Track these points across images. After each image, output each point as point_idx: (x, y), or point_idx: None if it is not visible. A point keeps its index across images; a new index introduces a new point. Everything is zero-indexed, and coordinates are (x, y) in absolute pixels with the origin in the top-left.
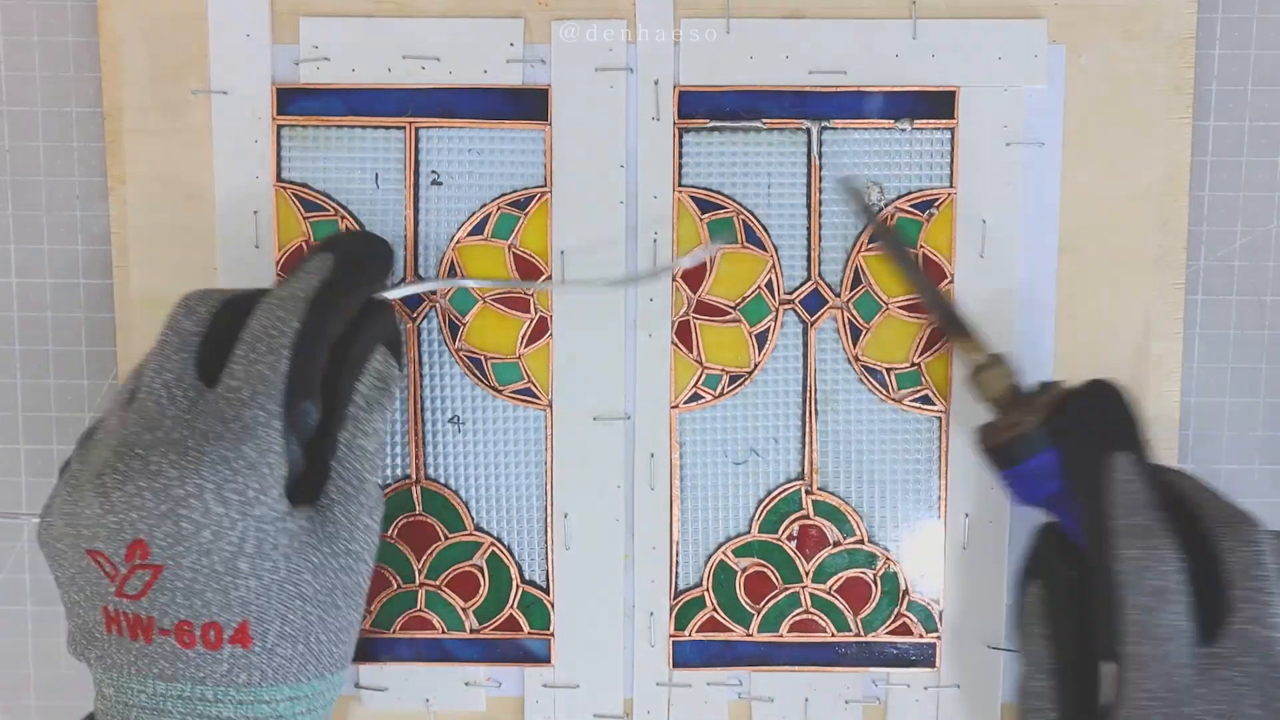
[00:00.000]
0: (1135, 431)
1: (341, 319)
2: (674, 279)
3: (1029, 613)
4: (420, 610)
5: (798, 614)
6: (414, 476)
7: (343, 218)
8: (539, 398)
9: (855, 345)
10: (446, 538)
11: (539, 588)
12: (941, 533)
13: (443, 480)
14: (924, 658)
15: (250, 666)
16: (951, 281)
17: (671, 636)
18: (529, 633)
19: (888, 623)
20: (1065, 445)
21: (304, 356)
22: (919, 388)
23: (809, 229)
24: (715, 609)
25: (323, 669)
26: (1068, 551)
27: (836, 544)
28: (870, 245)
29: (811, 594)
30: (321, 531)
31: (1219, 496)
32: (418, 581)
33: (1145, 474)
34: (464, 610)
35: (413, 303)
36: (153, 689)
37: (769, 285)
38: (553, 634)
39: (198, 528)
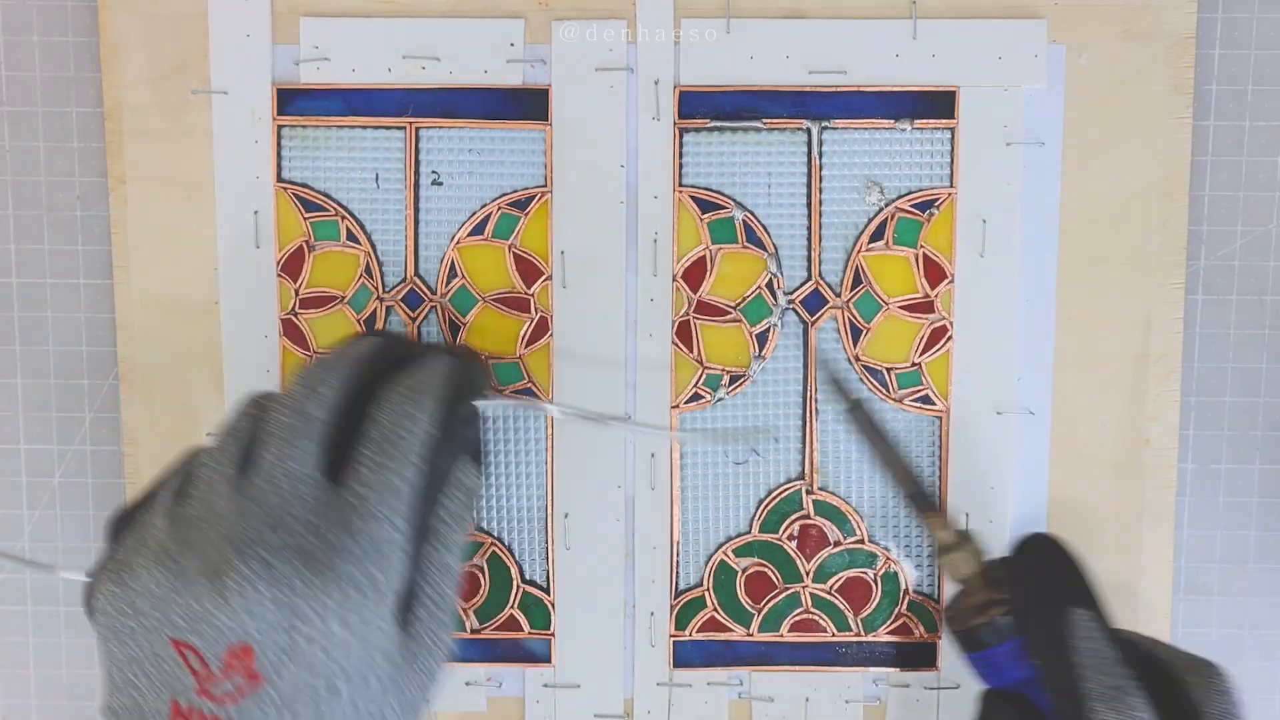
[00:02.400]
0: (1088, 585)
1: (453, 435)
2: (675, 279)
3: None
4: None
5: (798, 614)
6: None
7: (343, 217)
8: (539, 398)
9: (855, 345)
10: None
11: (539, 588)
12: None
13: None
14: (924, 658)
15: None
16: (951, 281)
17: (672, 636)
18: (529, 633)
19: (888, 623)
20: (1017, 613)
21: (434, 467)
22: (919, 388)
23: (809, 229)
24: (716, 609)
25: None
26: (1021, 716)
27: (837, 544)
28: (846, 422)
29: (812, 594)
30: (412, 656)
31: (1176, 647)
32: None
33: (1106, 630)
34: (464, 610)
35: (413, 302)
36: None
37: (769, 285)
38: (553, 634)
39: (310, 644)
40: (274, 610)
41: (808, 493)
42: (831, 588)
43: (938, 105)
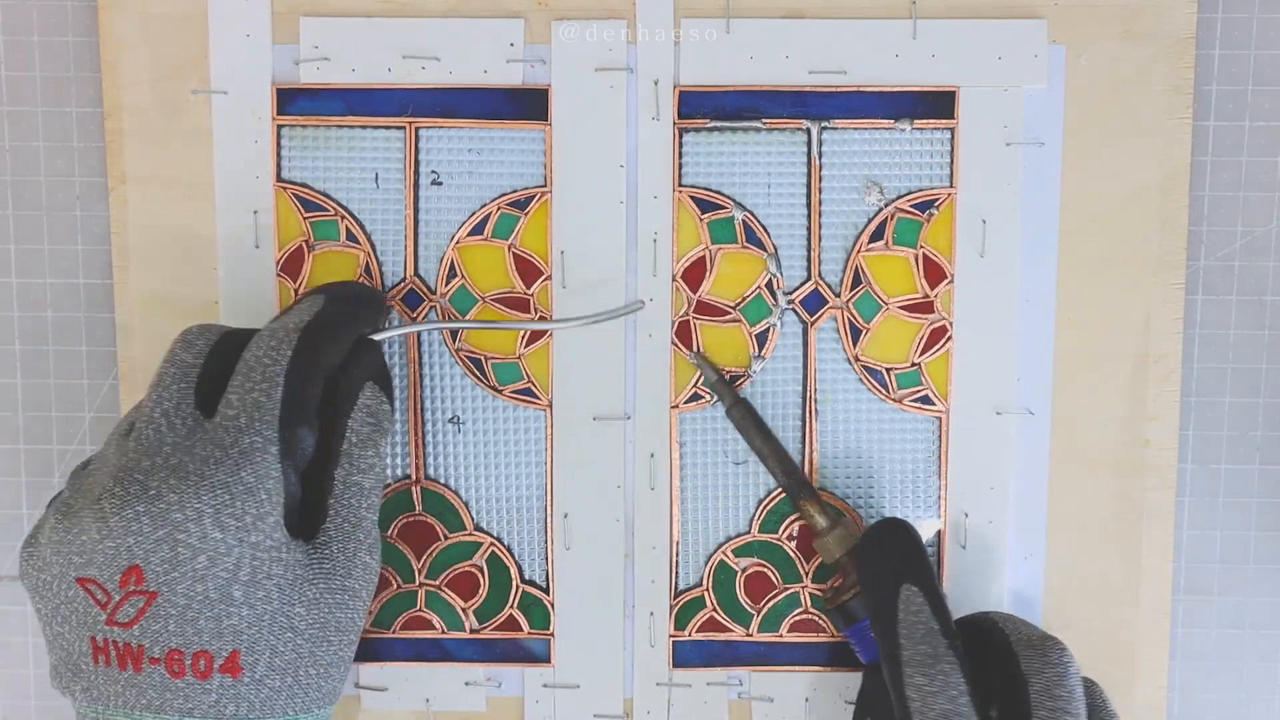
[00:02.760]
0: (920, 563)
1: (333, 354)
2: (674, 279)
3: None
4: (420, 610)
5: (798, 614)
6: (414, 476)
7: (343, 217)
8: (539, 398)
9: (855, 345)
10: (446, 538)
11: (539, 588)
12: (941, 533)
13: (443, 480)
14: None
15: (238, 698)
16: (951, 281)
17: (671, 636)
18: (529, 633)
19: None
20: (861, 585)
21: (297, 383)
22: (919, 388)
23: (809, 229)
24: (715, 609)
25: (310, 703)
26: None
27: None
28: (727, 418)
29: (811, 594)
30: (318, 567)
31: (1030, 625)
32: (418, 581)
33: (930, 603)
34: (464, 610)
35: (413, 302)
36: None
37: (769, 285)
38: (553, 634)
39: (194, 553)
40: (151, 525)
41: None
42: (832, 587)
43: (938, 105)
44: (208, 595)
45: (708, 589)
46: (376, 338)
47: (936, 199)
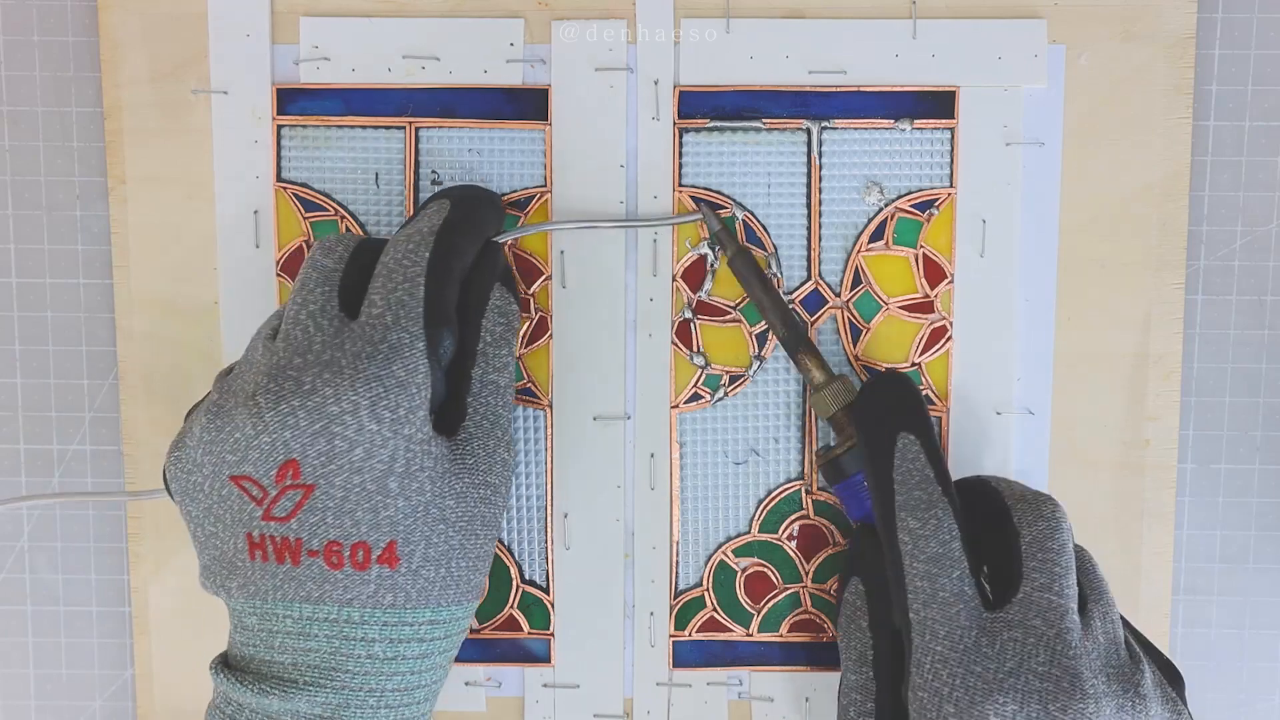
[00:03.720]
0: (919, 413)
1: (465, 255)
2: (674, 279)
3: (850, 607)
4: None
5: (798, 614)
6: None
7: (343, 218)
8: (539, 398)
9: (855, 345)
10: None
11: (539, 588)
12: None
13: None
14: None
15: (396, 588)
16: (951, 281)
17: (671, 636)
18: (529, 633)
19: None
20: (858, 435)
21: (436, 283)
22: (919, 388)
23: (809, 229)
24: (715, 609)
25: (461, 595)
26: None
27: (836, 544)
28: (718, 251)
29: (811, 594)
30: (462, 463)
31: (1024, 485)
32: None
33: (926, 452)
34: None
35: None
36: (299, 613)
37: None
38: (553, 634)
39: (350, 445)
40: (306, 418)
41: (807, 493)
42: (831, 588)
43: (937, 105)
44: (365, 487)
45: (708, 589)
46: (500, 239)
47: (936, 199)
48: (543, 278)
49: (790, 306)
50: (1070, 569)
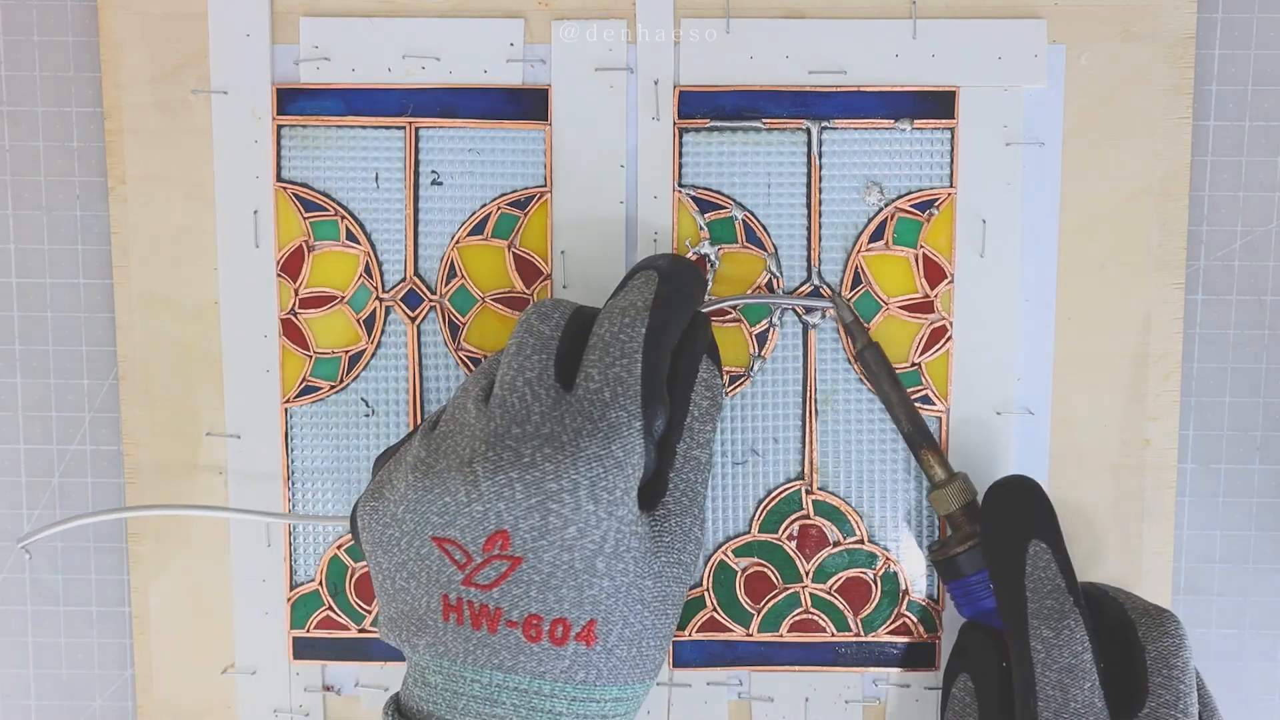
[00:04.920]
0: (1050, 522)
1: (677, 329)
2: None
3: (958, 703)
4: None
5: (798, 614)
6: None
7: (343, 218)
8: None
9: (855, 345)
10: None
11: None
12: (941, 533)
13: None
14: (924, 658)
15: (589, 665)
16: (951, 281)
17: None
18: None
19: (888, 623)
20: (985, 538)
21: (652, 359)
22: (919, 388)
23: (809, 229)
24: (715, 609)
25: (645, 674)
26: (996, 646)
27: (836, 544)
28: (859, 361)
29: (811, 594)
30: (660, 540)
31: (1141, 599)
32: None
33: (1058, 561)
34: None
35: (412, 302)
36: (489, 679)
37: (769, 285)
38: None
39: (565, 523)
40: (524, 492)
41: (807, 493)
42: (831, 588)
43: (938, 105)
44: (573, 565)
45: (708, 589)
46: (705, 310)
47: (936, 199)
48: (543, 277)
49: (914, 405)
50: (1193, 687)
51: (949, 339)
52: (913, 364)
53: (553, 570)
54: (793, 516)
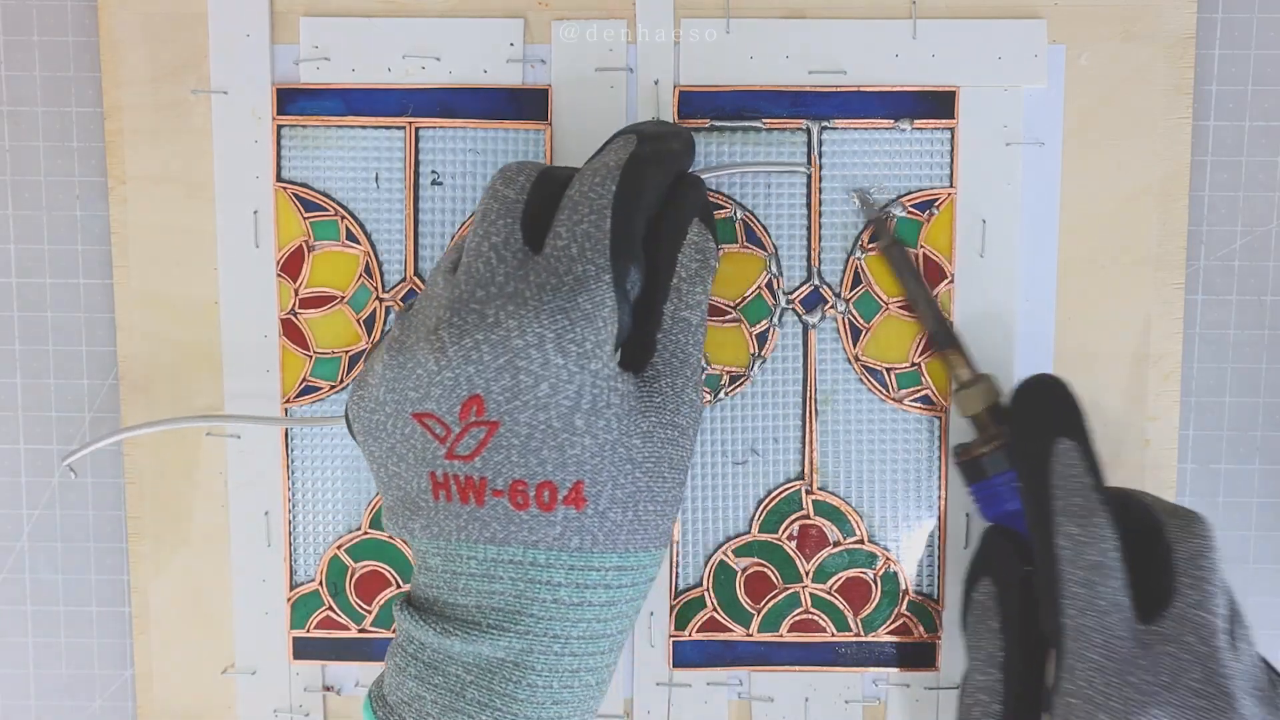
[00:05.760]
0: (1079, 421)
1: (654, 189)
2: None
3: (980, 607)
4: None
5: (798, 614)
6: None
7: (342, 218)
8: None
9: (855, 345)
10: None
11: None
12: (941, 533)
13: None
14: (924, 658)
15: (582, 530)
16: (951, 281)
17: (671, 636)
18: None
19: (888, 623)
20: (1013, 434)
21: (624, 215)
22: (919, 388)
23: (809, 229)
24: (715, 609)
25: (648, 541)
26: (1018, 551)
27: (836, 544)
28: (869, 245)
29: (811, 594)
30: (649, 400)
31: (1171, 502)
32: None
33: (1086, 460)
34: None
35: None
36: (483, 554)
37: (769, 285)
38: None
39: (536, 380)
40: (490, 353)
41: (807, 493)
42: (831, 588)
43: (937, 105)
44: (550, 424)
45: (708, 589)
46: (705, 175)
47: (936, 199)
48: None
49: (938, 304)
50: (1220, 589)
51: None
52: (912, 364)
53: (530, 431)
54: (793, 516)
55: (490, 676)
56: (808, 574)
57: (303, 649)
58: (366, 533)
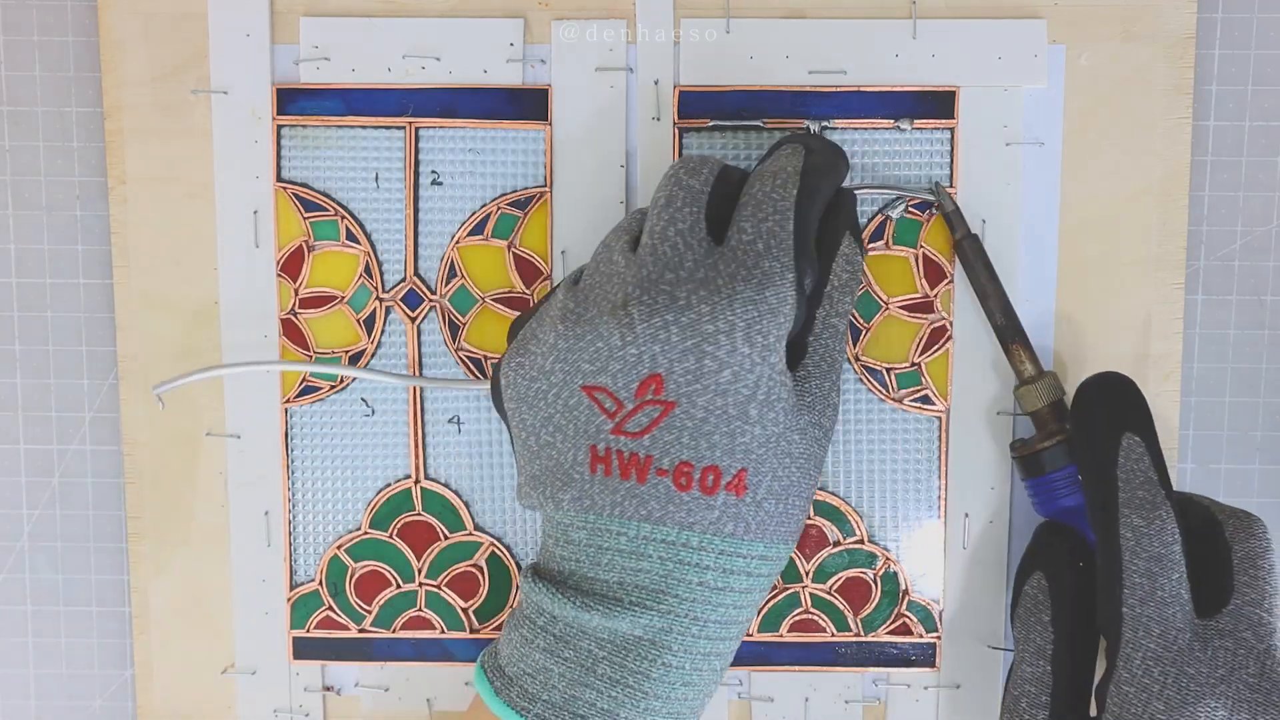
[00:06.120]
0: (1146, 416)
1: (824, 197)
2: None
3: (1030, 600)
4: (420, 610)
5: (798, 614)
6: (414, 476)
7: (343, 218)
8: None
9: (855, 345)
10: (446, 538)
11: None
12: (941, 533)
13: (443, 480)
14: (924, 658)
15: (738, 517)
16: (951, 281)
17: None
18: None
19: (888, 623)
20: (1077, 427)
21: (803, 220)
22: (919, 388)
23: None
24: None
25: (789, 534)
26: (1071, 546)
27: (836, 544)
28: (955, 250)
29: (811, 594)
30: (803, 399)
31: (1229, 505)
32: (417, 581)
33: (1151, 455)
34: (464, 610)
35: (412, 302)
36: (635, 531)
37: None
38: None
39: (720, 366)
40: (679, 334)
41: None
42: (831, 588)
43: (937, 105)
44: (726, 410)
45: None
46: (857, 190)
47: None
48: (543, 277)
49: (1009, 299)
50: (1277, 589)
51: (949, 339)
52: (913, 364)
53: (706, 415)
54: None
55: (625, 654)
56: (808, 574)
57: (303, 649)
58: (366, 533)
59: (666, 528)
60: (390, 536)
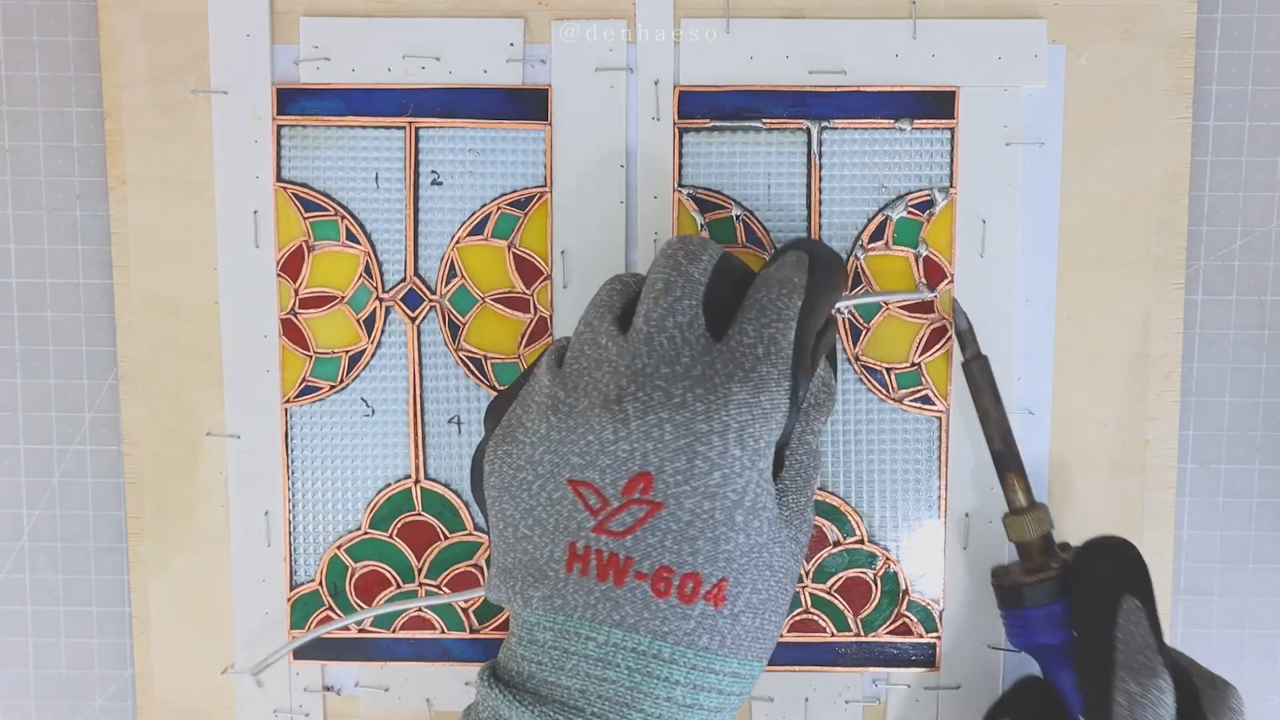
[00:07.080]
0: (1147, 582)
1: (822, 314)
2: None
3: None
4: (420, 610)
5: (798, 614)
6: (414, 476)
7: (343, 218)
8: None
9: (855, 345)
10: (446, 538)
11: None
12: (941, 533)
13: (443, 480)
14: (924, 658)
15: (714, 630)
16: (951, 281)
17: None
18: None
19: (888, 623)
20: (1077, 584)
21: (804, 332)
22: (919, 388)
23: (809, 229)
24: None
25: (762, 651)
26: (1043, 698)
27: (836, 544)
28: (963, 371)
29: (811, 594)
30: (782, 513)
31: (1205, 668)
32: (417, 581)
33: (1150, 620)
34: (464, 610)
35: (412, 302)
36: (605, 637)
37: None
38: None
39: (711, 467)
40: (673, 432)
41: None
42: (831, 588)
43: (938, 105)
44: (713, 515)
45: None
46: (842, 304)
47: (937, 199)
48: (543, 277)
49: (1009, 426)
50: None
51: (949, 339)
52: (913, 364)
53: (692, 519)
54: None
55: None
56: (808, 574)
57: (303, 649)
58: (366, 533)
59: (639, 636)
60: (390, 536)
